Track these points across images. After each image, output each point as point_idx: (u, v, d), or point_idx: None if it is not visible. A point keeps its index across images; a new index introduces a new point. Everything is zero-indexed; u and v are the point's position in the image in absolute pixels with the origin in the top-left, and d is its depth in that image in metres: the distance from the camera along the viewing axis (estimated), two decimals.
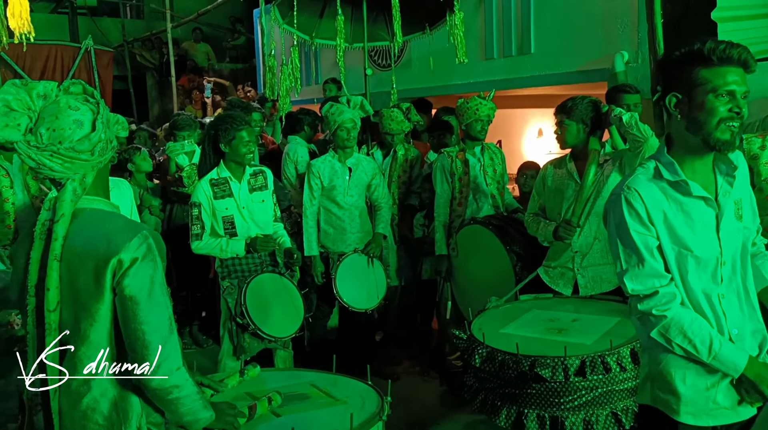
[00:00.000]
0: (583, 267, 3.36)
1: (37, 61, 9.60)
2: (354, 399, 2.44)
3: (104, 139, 1.72)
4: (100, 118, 1.71)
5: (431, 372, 4.56)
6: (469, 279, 4.11)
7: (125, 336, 1.71)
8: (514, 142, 7.46)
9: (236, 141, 3.53)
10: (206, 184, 3.58)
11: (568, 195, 3.39)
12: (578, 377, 2.64)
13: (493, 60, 6.05)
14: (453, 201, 4.27)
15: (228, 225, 3.60)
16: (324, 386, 2.58)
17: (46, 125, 1.65)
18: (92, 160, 1.71)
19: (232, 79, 12.17)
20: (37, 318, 1.69)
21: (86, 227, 1.71)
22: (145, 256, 1.67)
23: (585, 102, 3.27)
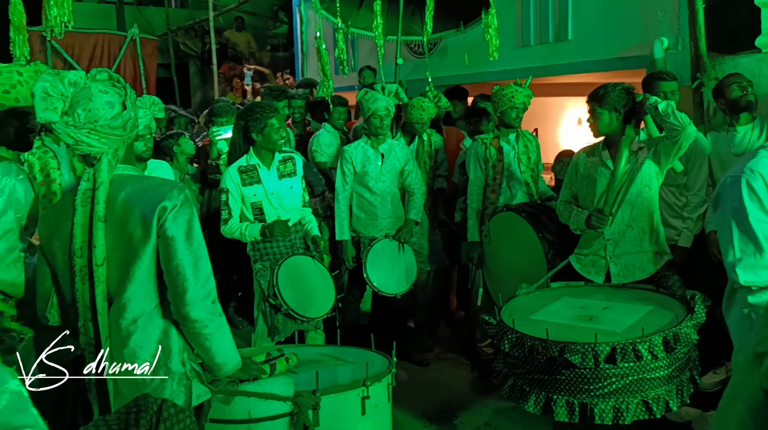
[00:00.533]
0: (615, 255, 3.32)
1: (85, 50, 9.87)
2: (362, 362, 2.71)
3: (133, 117, 1.97)
4: (128, 99, 1.96)
5: (462, 359, 4.59)
6: (501, 266, 4.11)
7: (167, 274, 1.93)
8: (550, 130, 7.38)
9: (268, 129, 3.58)
10: (234, 171, 3.64)
11: (601, 183, 3.35)
12: (608, 364, 2.63)
13: (529, 47, 5.98)
14: (486, 188, 4.26)
15: (257, 211, 3.66)
16: (333, 354, 2.87)
17: (82, 107, 1.88)
18: (124, 135, 1.96)
19: (272, 67, 12.31)
20: (84, 275, 1.92)
21: (125, 187, 1.95)
22: (183, 203, 1.92)
23: (618, 89, 3.22)
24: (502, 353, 3.01)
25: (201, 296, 1.92)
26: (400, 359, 4.40)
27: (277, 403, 2.32)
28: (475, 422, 3.72)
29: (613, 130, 3.26)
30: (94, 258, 1.90)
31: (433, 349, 4.78)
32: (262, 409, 2.32)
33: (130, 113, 1.95)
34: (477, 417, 3.78)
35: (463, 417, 3.79)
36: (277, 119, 3.61)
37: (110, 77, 1.95)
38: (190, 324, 1.94)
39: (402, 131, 4.83)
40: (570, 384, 2.73)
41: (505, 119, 4.17)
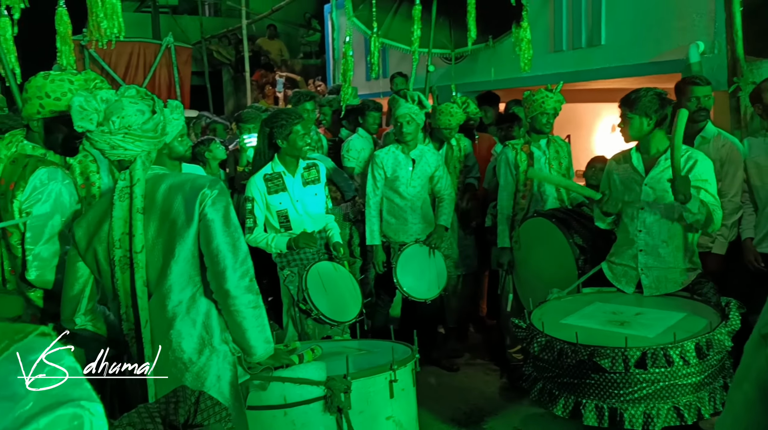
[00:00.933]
0: (647, 267, 3.25)
1: (122, 58, 10.10)
2: (386, 351, 2.85)
3: (162, 121, 2.16)
4: (157, 106, 2.14)
5: (492, 364, 4.58)
6: (531, 272, 4.09)
7: (207, 254, 2.08)
8: (583, 137, 7.31)
9: (293, 135, 3.59)
10: (260, 180, 3.65)
11: (633, 189, 3.31)
12: (639, 369, 2.60)
13: (562, 52, 5.95)
14: (517, 194, 4.25)
15: (282, 219, 3.67)
16: (356, 347, 3.03)
17: (116, 115, 2.05)
18: (155, 138, 2.15)
19: (304, 74, 12.44)
20: (123, 264, 2.09)
21: (164, 182, 2.13)
22: (221, 191, 2.11)
23: (650, 94, 3.17)
24: (532, 356, 3.00)
25: (239, 273, 2.07)
26: (429, 364, 4.47)
27: (311, 387, 2.43)
28: (505, 428, 3.70)
29: (644, 135, 3.22)
30: (134, 246, 2.06)
31: (463, 354, 4.77)
32: (297, 393, 2.44)
33: (159, 117, 2.13)
34: (507, 423, 3.76)
35: (493, 422, 3.78)
36: (302, 126, 3.63)
37: (137, 92, 2.12)
38: (230, 300, 2.08)
39: (431, 137, 4.84)
40: (599, 388, 2.71)
41: (535, 125, 4.16)
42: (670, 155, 3.01)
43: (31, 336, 0.74)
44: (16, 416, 0.67)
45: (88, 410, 0.72)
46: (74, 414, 0.70)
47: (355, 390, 2.49)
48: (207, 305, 2.13)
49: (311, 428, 2.46)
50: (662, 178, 3.20)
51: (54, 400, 0.70)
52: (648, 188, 3.24)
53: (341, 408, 2.42)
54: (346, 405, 2.44)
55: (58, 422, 0.69)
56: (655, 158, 3.24)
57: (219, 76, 12.99)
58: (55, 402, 0.70)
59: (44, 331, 0.76)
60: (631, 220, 3.29)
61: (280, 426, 2.46)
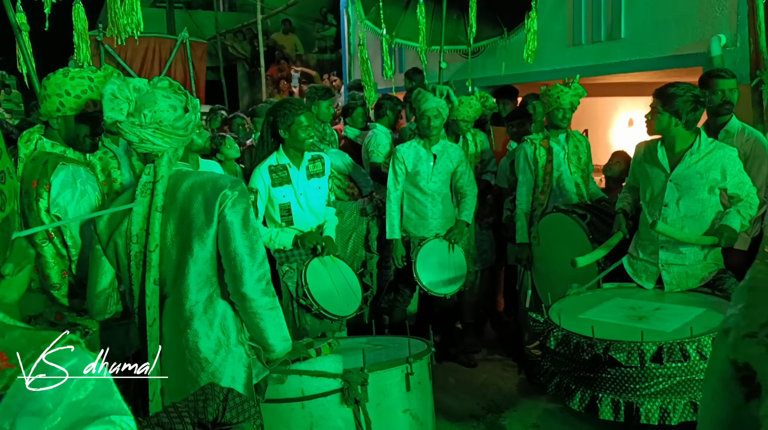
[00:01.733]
0: (668, 264, 3.23)
1: (138, 53, 10.13)
2: (401, 345, 2.93)
3: (193, 120, 2.12)
4: (189, 104, 2.10)
5: (509, 360, 4.56)
6: (550, 268, 4.06)
7: (225, 256, 2.07)
8: (601, 131, 7.24)
9: (295, 126, 3.48)
10: (265, 171, 3.56)
11: (656, 185, 3.27)
12: (655, 364, 2.60)
13: (581, 46, 5.88)
14: (536, 189, 4.22)
15: (285, 212, 3.59)
16: (371, 342, 3.06)
17: (148, 108, 2.01)
18: (185, 136, 2.12)
19: (319, 69, 12.43)
20: (138, 261, 2.08)
21: (186, 179, 2.11)
22: (242, 193, 2.09)
23: (687, 95, 3.06)
24: (549, 350, 2.99)
25: (257, 277, 2.06)
26: (447, 360, 4.46)
27: (328, 380, 2.46)
28: (523, 423, 3.69)
29: (668, 132, 3.17)
30: (148, 244, 2.06)
31: (480, 350, 4.76)
32: (314, 386, 2.47)
33: (191, 116, 2.10)
34: (525, 418, 3.75)
35: (511, 417, 3.76)
36: (306, 117, 3.51)
37: (171, 84, 2.09)
38: (247, 303, 2.08)
39: (446, 131, 4.80)
40: (616, 383, 2.71)
41: (552, 120, 4.13)
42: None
43: (58, 345, 0.71)
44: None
45: (119, 425, 0.68)
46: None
47: (372, 383, 2.53)
48: (224, 305, 2.13)
49: (328, 420, 2.49)
50: (687, 175, 3.15)
51: (83, 414, 0.66)
52: (672, 185, 3.20)
53: (358, 400, 2.45)
54: (363, 397, 2.47)
55: None
56: (679, 155, 3.20)
57: (234, 72, 13.01)
58: (85, 417, 0.66)
59: (72, 339, 0.73)
60: (653, 216, 3.26)
61: (297, 418, 2.50)
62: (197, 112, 2.20)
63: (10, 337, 0.69)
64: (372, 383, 2.51)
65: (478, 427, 3.68)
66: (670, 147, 3.23)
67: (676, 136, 3.17)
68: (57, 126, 2.49)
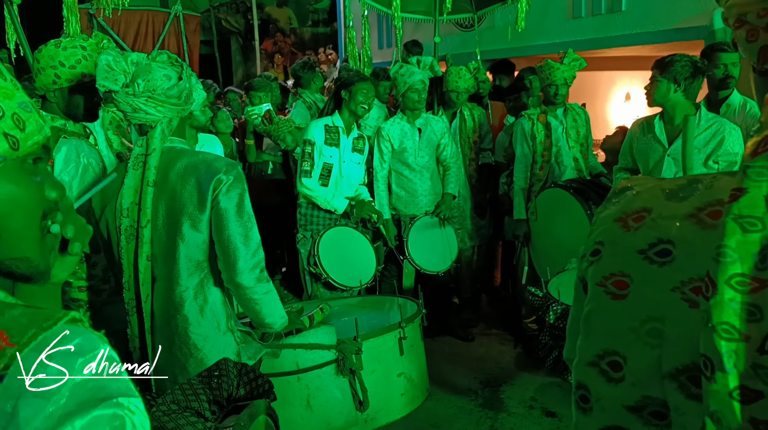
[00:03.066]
0: None
1: (131, 27, 9.97)
2: (392, 306, 3.04)
3: (187, 88, 2.05)
4: (185, 73, 2.04)
5: (507, 334, 4.58)
6: (548, 244, 4.06)
7: (218, 244, 2.01)
8: (598, 105, 7.20)
9: (356, 88, 3.65)
10: (321, 127, 3.71)
11: (654, 159, 3.27)
12: None
13: (581, 19, 5.81)
14: (534, 165, 4.19)
15: (326, 172, 3.72)
16: (361, 304, 3.19)
17: (142, 78, 1.97)
18: (179, 105, 2.03)
19: (313, 42, 12.29)
20: (129, 235, 2.03)
21: (181, 158, 2.03)
22: (237, 178, 2.00)
23: (683, 60, 3.08)
24: (548, 325, 3.01)
25: (251, 265, 2.01)
26: (445, 334, 4.46)
27: (323, 352, 2.48)
28: (521, 397, 3.71)
29: (668, 101, 3.14)
30: (140, 219, 2.00)
31: (478, 324, 4.78)
32: (309, 359, 2.48)
33: (186, 84, 2.04)
34: (522, 392, 3.77)
35: (509, 391, 3.79)
36: (368, 88, 3.68)
37: (169, 57, 2.05)
38: (241, 291, 2.04)
39: (443, 107, 4.73)
40: None
41: (547, 96, 4.11)
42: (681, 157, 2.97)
43: (60, 323, 0.66)
44: (48, 414, 0.60)
45: (128, 407, 0.64)
46: (114, 414, 0.63)
47: (366, 351, 2.55)
48: (215, 292, 2.10)
49: (325, 391, 2.52)
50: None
51: (90, 395, 0.62)
52: (670, 159, 3.19)
53: (353, 370, 2.47)
54: (358, 366, 2.49)
55: (97, 424, 0.61)
56: (679, 129, 3.17)
57: (228, 45, 12.84)
58: (91, 398, 0.62)
59: (75, 316, 0.69)
60: None
61: (294, 391, 2.51)
62: (193, 82, 2.15)
63: (10, 315, 0.66)
64: (366, 351, 2.54)
65: (476, 400, 3.70)
66: (669, 120, 3.21)
67: (675, 106, 3.14)
68: (54, 99, 2.43)
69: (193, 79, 2.19)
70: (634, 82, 7.35)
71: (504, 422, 3.47)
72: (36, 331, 0.64)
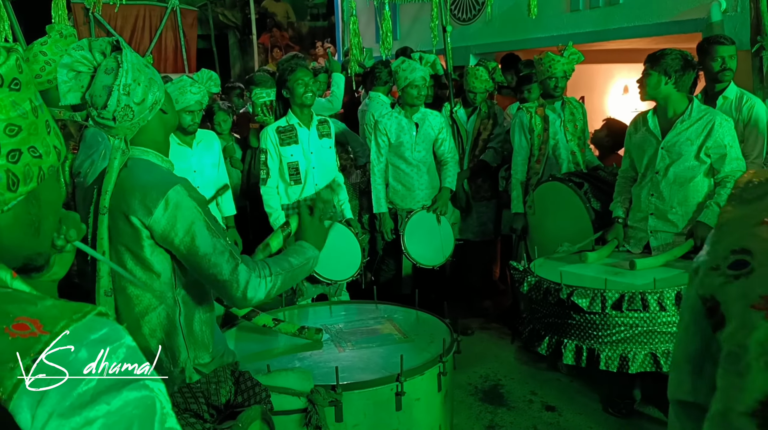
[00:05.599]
0: (656, 231, 3.31)
1: (128, 21, 9.94)
2: (423, 338, 2.54)
3: (124, 105, 1.67)
4: (117, 88, 1.65)
5: (505, 329, 4.59)
6: (546, 236, 4.06)
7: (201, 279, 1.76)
8: (596, 98, 7.19)
9: (291, 82, 3.62)
10: (273, 132, 3.71)
11: (649, 153, 3.30)
12: (615, 311, 2.71)
13: (578, 12, 5.79)
14: (531, 158, 4.20)
15: (293, 171, 3.72)
16: (401, 321, 2.72)
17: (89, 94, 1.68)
18: (120, 126, 1.69)
19: (311, 36, 12.25)
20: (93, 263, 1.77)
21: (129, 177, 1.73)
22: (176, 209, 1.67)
23: (674, 53, 3.13)
24: (523, 296, 3.17)
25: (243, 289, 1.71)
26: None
27: (293, 397, 2.06)
28: (521, 391, 3.73)
29: (659, 93, 3.18)
30: (98, 248, 1.71)
31: (477, 318, 4.78)
32: (276, 402, 1.95)
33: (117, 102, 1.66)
34: (522, 386, 3.78)
35: (509, 385, 3.80)
36: (303, 72, 3.63)
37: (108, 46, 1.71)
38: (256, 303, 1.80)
39: (462, 103, 4.78)
40: (580, 329, 2.83)
41: (545, 89, 4.11)
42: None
43: (89, 316, 0.73)
44: (81, 393, 0.66)
45: (154, 390, 0.71)
46: (144, 395, 0.69)
47: (349, 402, 2.11)
48: (170, 324, 1.78)
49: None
50: (678, 141, 3.19)
51: (118, 378, 0.69)
52: (664, 152, 3.23)
53: (320, 426, 2.05)
54: (324, 424, 2.07)
55: (130, 404, 0.68)
56: (671, 121, 3.23)
57: (225, 40, 12.80)
58: (120, 381, 0.69)
59: (101, 311, 0.74)
60: (645, 183, 3.31)
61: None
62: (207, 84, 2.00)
63: (42, 306, 0.73)
64: (349, 403, 2.10)
65: (476, 395, 3.71)
66: (662, 113, 3.25)
67: (668, 98, 3.18)
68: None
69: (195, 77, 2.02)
70: (632, 75, 7.31)
71: (504, 416, 3.48)
72: (67, 321, 0.70)
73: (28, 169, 0.83)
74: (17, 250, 0.85)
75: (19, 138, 0.82)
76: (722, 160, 3.11)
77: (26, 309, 0.71)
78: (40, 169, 0.84)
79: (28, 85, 0.84)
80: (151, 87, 1.72)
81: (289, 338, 2.55)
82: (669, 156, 3.20)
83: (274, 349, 2.52)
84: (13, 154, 0.81)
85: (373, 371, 2.25)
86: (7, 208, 0.82)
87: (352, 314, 2.87)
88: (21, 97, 0.83)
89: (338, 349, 2.47)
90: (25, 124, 0.82)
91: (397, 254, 4.31)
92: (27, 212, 0.85)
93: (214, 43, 11.33)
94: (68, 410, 0.64)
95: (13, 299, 0.74)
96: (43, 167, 0.85)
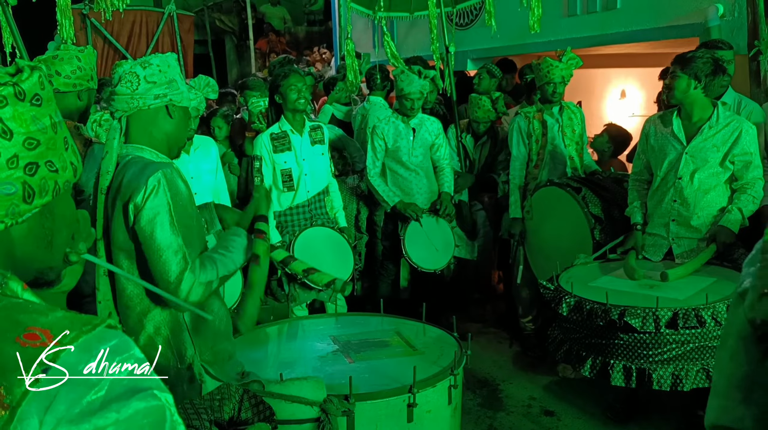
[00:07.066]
0: (679, 237, 3.24)
1: (125, 27, 9.92)
2: (432, 350, 2.49)
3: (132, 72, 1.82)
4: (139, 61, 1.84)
5: (503, 333, 4.58)
6: (544, 242, 4.06)
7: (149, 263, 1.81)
8: (594, 103, 7.20)
9: (284, 88, 3.64)
10: (267, 138, 3.72)
11: (671, 157, 3.23)
12: (670, 329, 2.62)
13: (575, 16, 5.80)
14: (529, 163, 4.19)
15: (286, 178, 3.74)
16: (408, 334, 2.67)
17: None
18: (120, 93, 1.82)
19: (308, 41, 12.26)
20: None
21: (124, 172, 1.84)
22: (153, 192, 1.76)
23: (705, 57, 3.07)
24: (559, 317, 3.02)
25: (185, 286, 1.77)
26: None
27: (305, 406, 2.06)
28: (519, 395, 3.71)
29: (688, 97, 3.12)
30: (96, 231, 1.83)
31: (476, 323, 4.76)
32: (288, 411, 2.03)
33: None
34: (521, 390, 3.77)
35: (507, 390, 3.79)
36: (295, 78, 3.63)
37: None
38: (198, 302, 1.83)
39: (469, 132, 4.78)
40: (628, 349, 2.74)
41: (544, 94, 4.10)
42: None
43: (99, 328, 0.74)
44: (90, 401, 0.66)
45: (162, 400, 0.71)
46: (153, 405, 0.70)
47: (361, 413, 2.11)
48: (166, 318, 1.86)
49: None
50: (704, 147, 3.13)
51: (128, 388, 0.70)
52: (688, 157, 3.17)
53: None
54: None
55: (140, 413, 0.68)
56: (698, 126, 3.16)
57: (222, 45, 12.80)
58: (130, 390, 0.69)
59: (111, 323, 0.76)
60: (667, 189, 3.24)
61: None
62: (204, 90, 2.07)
63: (53, 317, 0.74)
64: (361, 413, 2.09)
65: (474, 399, 3.70)
66: (687, 117, 3.19)
67: (694, 103, 3.12)
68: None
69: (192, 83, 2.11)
70: (630, 79, 7.36)
71: (503, 420, 3.47)
72: (77, 333, 0.72)
73: (44, 183, 0.85)
74: (29, 262, 0.87)
75: (37, 152, 0.84)
76: (746, 167, 3.09)
77: (37, 319, 0.72)
78: (56, 184, 0.87)
79: (49, 102, 0.87)
80: (170, 84, 1.84)
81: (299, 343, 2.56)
82: (693, 162, 3.15)
83: (283, 355, 2.55)
84: (31, 167, 0.84)
85: (384, 382, 2.24)
86: (22, 220, 0.84)
87: (358, 326, 2.84)
88: (41, 113, 0.86)
89: (348, 359, 2.46)
90: (44, 139, 0.85)
91: (396, 259, 4.30)
92: (41, 226, 0.87)
93: (211, 49, 11.32)
94: (77, 417, 0.65)
95: (24, 309, 0.75)
96: (59, 182, 0.88)
